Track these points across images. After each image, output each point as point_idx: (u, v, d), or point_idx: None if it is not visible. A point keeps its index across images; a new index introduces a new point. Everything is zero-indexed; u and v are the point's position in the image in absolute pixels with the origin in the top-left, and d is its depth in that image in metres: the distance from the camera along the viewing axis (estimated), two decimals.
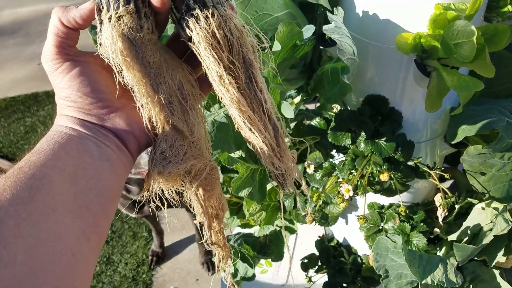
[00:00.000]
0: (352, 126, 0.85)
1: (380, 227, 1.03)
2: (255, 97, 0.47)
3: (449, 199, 0.86)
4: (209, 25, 0.43)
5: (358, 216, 0.89)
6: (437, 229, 1.02)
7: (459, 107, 0.76)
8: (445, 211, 1.01)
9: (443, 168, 0.87)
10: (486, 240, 0.86)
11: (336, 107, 0.91)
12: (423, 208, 1.03)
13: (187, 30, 0.44)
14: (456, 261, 0.89)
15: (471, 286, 1.05)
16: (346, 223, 1.16)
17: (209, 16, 0.43)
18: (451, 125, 0.84)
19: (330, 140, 0.86)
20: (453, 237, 0.99)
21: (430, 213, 1.06)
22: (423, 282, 0.85)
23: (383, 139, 0.84)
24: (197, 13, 0.43)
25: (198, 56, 0.45)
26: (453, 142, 0.82)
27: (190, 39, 0.44)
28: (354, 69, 0.67)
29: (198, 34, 0.43)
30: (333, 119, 0.87)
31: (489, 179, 0.85)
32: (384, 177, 0.83)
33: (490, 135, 0.92)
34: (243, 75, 0.46)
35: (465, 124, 0.81)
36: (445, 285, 0.85)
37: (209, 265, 2.38)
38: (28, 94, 3.73)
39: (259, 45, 0.47)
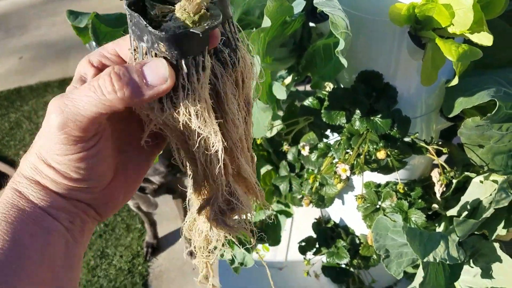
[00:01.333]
0: (347, 104, 0.83)
1: (378, 206, 1.01)
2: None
3: (448, 174, 0.85)
4: (236, 72, 0.38)
5: (356, 195, 0.87)
6: (435, 205, 1.01)
7: (455, 78, 0.73)
8: (443, 186, 0.99)
9: (440, 143, 0.85)
10: (486, 214, 0.84)
11: (329, 86, 0.88)
12: (420, 185, 1.02)
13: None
14: (457, 236, 0.87)
15: (471, 260, 1.04)
16: (343, 203, 1.14)
17: (237, 63, 0.38)
18: (447, 98, 0.82)
19: (324, 119, 0.84)
20: (452, 212, 0.98)
21: (427, 189, 1.05)
22: (425, 260, 0.83)
23: (379, 115, 0.82)
24: (224, 58, 0.37)
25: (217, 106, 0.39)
26: (450, 116, 0.80)
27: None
28: (348, 44, 0.64)
29: (225, 84, 0.38)
30: (326, 98, 0.84)
31: (487, 151, 0.84)
32: (381, 154, 0.81)
33: (486, 107, 0.90)
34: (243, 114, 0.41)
35: (462, 96, 0.79)
36: (448, 262, 0.84)
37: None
38: (11, 90, 3.64)
39: None
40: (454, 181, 0.98)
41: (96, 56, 0.39)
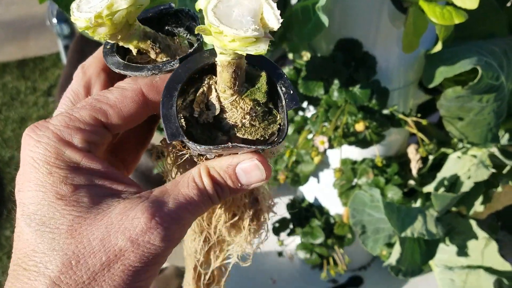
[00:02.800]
0: (325, 74, 0.79)
1: (354, 184, 0.98)
2: None
3: (427, 146, 0.82)
4: None
5: (334, 169, 0.84)
6: (411, 182, 0.99)
7: (438, 44, 0.71)
8: (419, 162, 0.97)
9: (419, 115, 0.82)
10: (465, 188, 0.83)
11: (307, 56, 0.84)
12: (396, 161, 1.00)
13: None
14: (436, 211, 0.86)
15: (446, 238, 1.03)
16: (318, 181, 1.11)
17: None
18: (428, 67, 0.79)
19: (301, 90, 0.80)
20: (428, 188, 0.96)
21: (403, 166, 1.03)
22: (402, 235, 0.81)
23: (357, 86, 0.78)
24: None
25: None
26: (430, 86, 0.77)
27: None
28: (329, 1, 0.60)
29: None
30: (304, 68, 0.80)
31: (467, 124, 0.82)
32: (360, 126, 0.77)
33: (466, 81, 0.88)
34: None
35: (443, 65, 0.76)
36: (426, 237, 0.82)
37: None
38: None
39: None
40: (431, 157, 0.96)
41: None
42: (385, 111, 0.82)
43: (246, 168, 0.30)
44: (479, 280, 0.93)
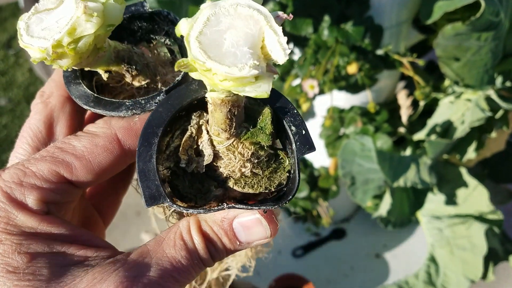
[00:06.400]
0: (314, 11, 0.72)
1: (341, 134, 0.93)
2: None
3: (423, 89, 0.77)
4: None
5: (324, 116, 0.78)
6: (401, 129, 0.94)
7: None
8: (410, 108, 0.93)
9: (415, 55, 0.76)
10: (460, 133, 0.78)
11: None
12: (386, 108, 0.94)
13: None
14: (429, 158, 0.81)
15: (434, 187, 1.00)
16: None
17: None
18: (426, 2, 0.72)
19: (287, 29, 0.72)
20: (419, 136, 0.91)
21: (392, 113, 0.98)
22: (395, 185, 0.77)
23: (350, 23, 0.71)
24: None
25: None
26: (428, 22, 0.71)
27: None
28: None
29: None
30: (290, 3, 0.72)
31: (463, 65, 0.76)
32: (352, 68, 0.71)
33: (461, 18, 0.82)
34: None
35: (441, 0, 0.70)
36: (419, 186, 0.78)
37: None
38: None
39: None
40: (422, 103, 0.91)
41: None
42: (379, 52, 0.76)
43: (246, 223, 0.24)
44: (470, 229, 0.91)
